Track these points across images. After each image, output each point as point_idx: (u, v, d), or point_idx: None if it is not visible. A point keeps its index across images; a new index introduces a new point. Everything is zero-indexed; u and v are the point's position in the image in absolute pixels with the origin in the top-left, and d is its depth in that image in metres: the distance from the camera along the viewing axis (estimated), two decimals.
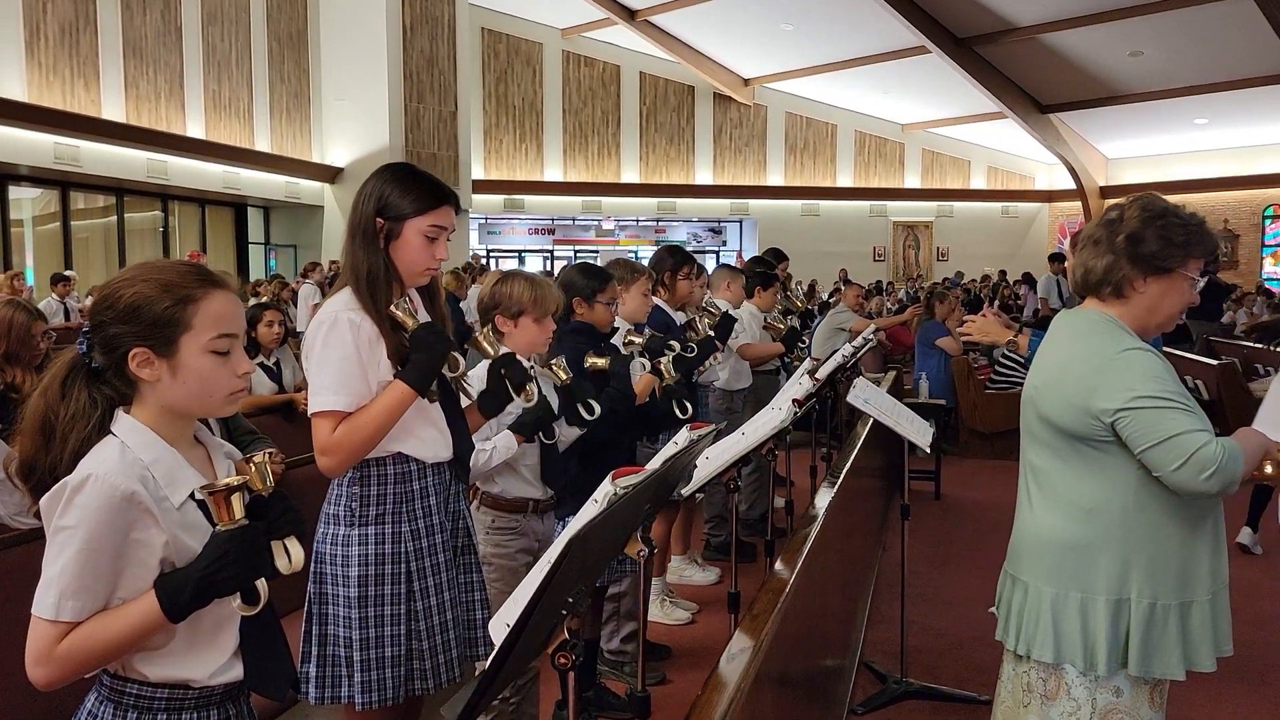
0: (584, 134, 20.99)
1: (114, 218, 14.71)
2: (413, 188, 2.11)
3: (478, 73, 19.65)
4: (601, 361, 2.97)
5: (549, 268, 19.86)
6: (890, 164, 22.48)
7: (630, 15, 18.88)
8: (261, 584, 1.43)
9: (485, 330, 2.36)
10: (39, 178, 13.15)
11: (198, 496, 1.43)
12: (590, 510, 1.46)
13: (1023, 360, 3.37)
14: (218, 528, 1.38)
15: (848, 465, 3.54)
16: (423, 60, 17.06)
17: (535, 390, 2.66)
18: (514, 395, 2.28)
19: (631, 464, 2.07)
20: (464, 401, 2.33)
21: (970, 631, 4.28)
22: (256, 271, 16.56)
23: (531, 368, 2.77)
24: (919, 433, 3.45)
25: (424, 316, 2.17)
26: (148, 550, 1.40)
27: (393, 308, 2.08)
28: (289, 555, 1.52)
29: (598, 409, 2.74)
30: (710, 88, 21.33)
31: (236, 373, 1.51)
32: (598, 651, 3.51)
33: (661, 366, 3.39)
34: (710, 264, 20.57)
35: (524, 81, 20.47)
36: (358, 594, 2.07)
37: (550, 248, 21.52)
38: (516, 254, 21.39)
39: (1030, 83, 18.38)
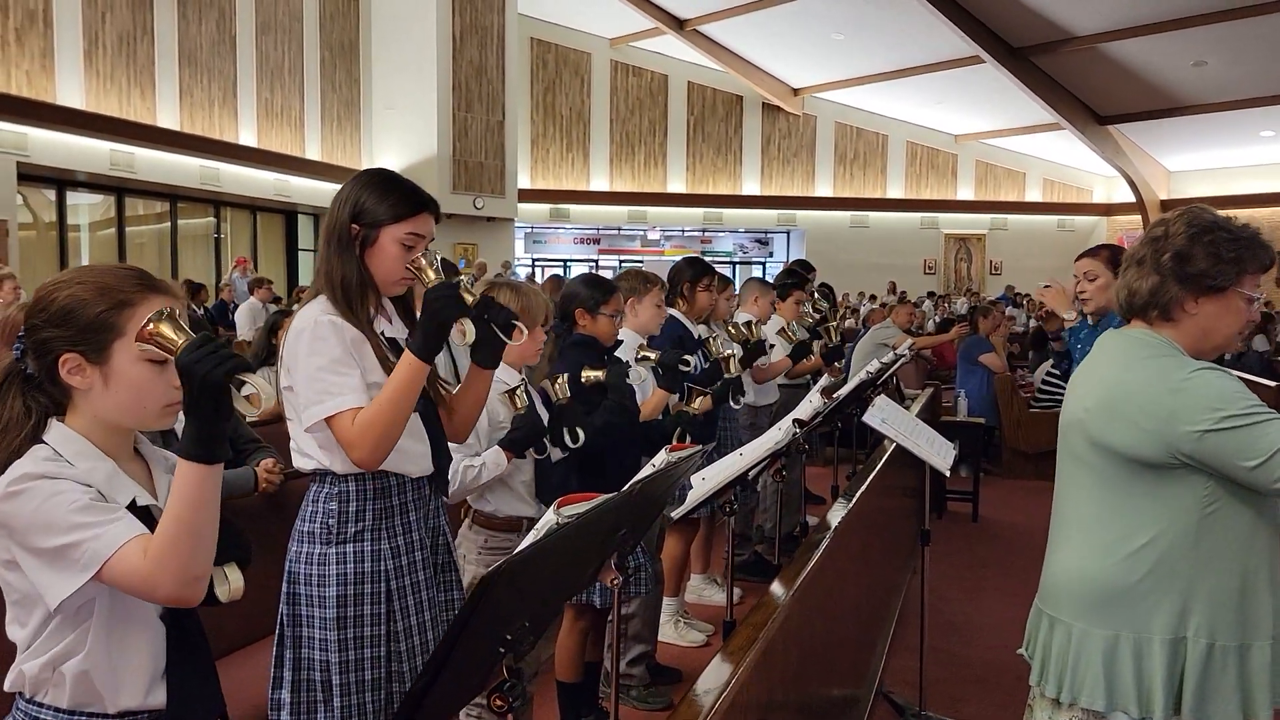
0: (631, 144, 20.96)
1: (168, 224, 15.00)
2: (390, 194, 2.01)
3: (526, 82, 19.74)
4: (598, 374, 2.87)
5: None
6: (943, 175, 22.12)
7: (679, 25, 18.83)
8: (255, 378, 1.32)
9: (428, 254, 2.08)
10: (96, 184, 13.45)
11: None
12: (529, 540, 1.36)
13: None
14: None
15: (865, 485, 3.39)
16: (471, 70, 17.18)
17: (525, 398, 2.59)
18: (506, 338, 2.07)
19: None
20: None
21: (997, 662, 4.10)
22: (306, 278, 16.77)
23: (523, 382, 2.69)
24: (939, 454, 3.29)
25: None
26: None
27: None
28: (228, 582, 1.45)
29: (581, 438, 2.64)
30: (759, 97, 21.18)
31: (173, 384, 1.40)
32: (600, 674, 3.41)
33: (695, 406, 3.31)
34: (757, 275, 20.42)
35: (572, 91, 20.51)
36: (336, 615, 1.97)
37: (595, 257, 21.50)
38: (562, 263, 21.41)
39: (1088, 93, 17.95)
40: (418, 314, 2.15)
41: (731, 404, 3.58)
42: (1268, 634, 1.82)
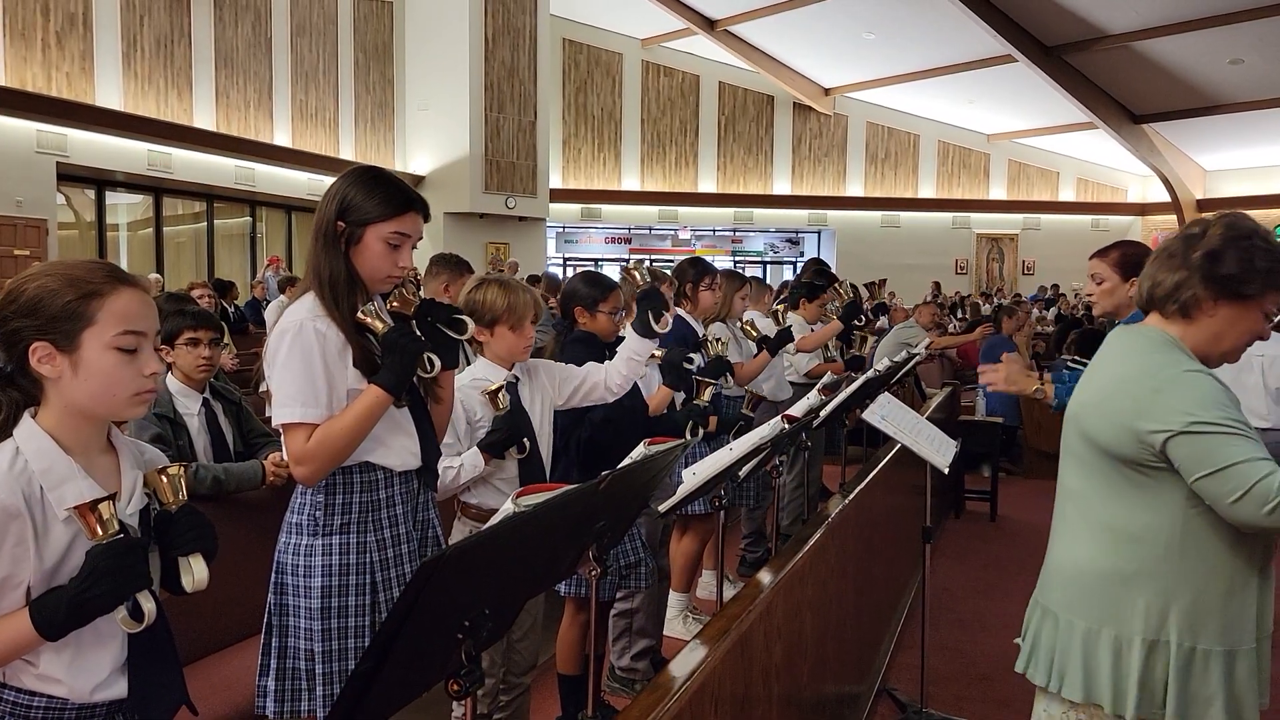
0: (662, 144, 20.98)
1: (204, 223, 15.26)
2: (376, 192, 2.04)
3: (558, 83, 19.83)
4: None
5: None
6: (975, 175, 21.93)
7: (710, 25, 18.82)
8: (147, 600, 1.40)
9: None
10: (134, 184, 13.71)
11: (61, 516, 1.39)
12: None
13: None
14: (90, 544, 1.35)
15: (865, 481, 3.41)
16: (504, 70, 17.29)
17: (507, 399, 2.62)
18: (455, 334, 2.13)
19: None
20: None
21: (1002, 661, 4.09)
22: None
23: (514, 380, 2.73)
24: (939, 452, 3.30)
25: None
26: (22, 565, 1.38)
27: (360, 314, 2.04)
28: (193, 572, 1.49)
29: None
30: (790, 97, 21.12)
31: (143, 372, 1.46)
32: (603, 668, 3.45)
33: (704, 397, 3.35)
34: (787, 275, 20.37)
35: (603, 91, 20.57)
36: (320, 605, 2.02)
37: (626, 257, 21.53)
38: (593, 262, 21.48)
39: (1123, 92, 17.71)
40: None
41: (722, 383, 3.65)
42: (1253, 638, 1.81)
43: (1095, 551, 1.89)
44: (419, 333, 2.09)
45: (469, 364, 2.85)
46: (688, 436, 3.28)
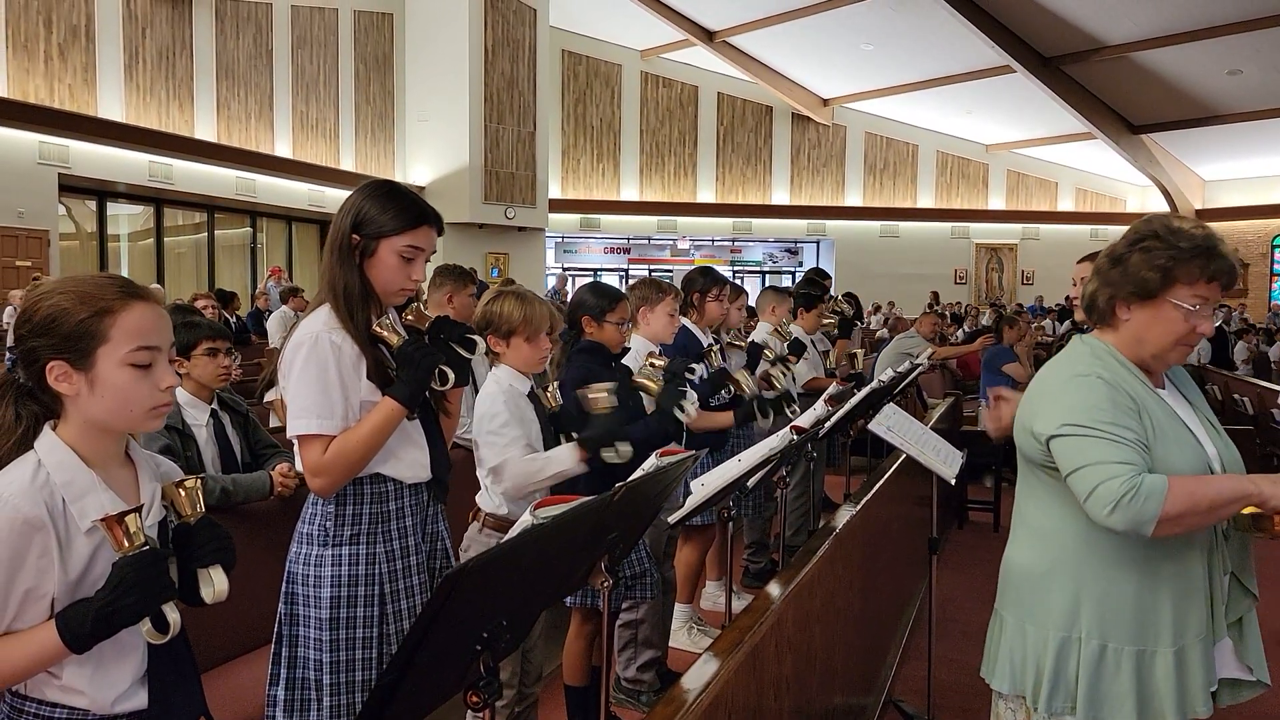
0: (661, 154, 21.06)
1: (205, 234, 15.29)
2: (391, 206, 2.05)
3: (557, 94, 19.91)
4: (604, 390, 2.91)
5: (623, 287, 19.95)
6: (973, 185, 22.02)
7: (709, 36, 18.91)
8: (171, 611, 1.40)
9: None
10: (135, 194, 13.75)
11: (84, 527, 1.40)
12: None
13: None
14: (117, 555, 1.36)
15: (871, 492, 3.41)
16: (503, 82, 17.36)
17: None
18: (467, 353, 2.13)
19: None
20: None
21: None
22: None
23: (532, 388, 2.74)
24: (946, 463, 3.31)
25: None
26: (47, 576, 1.38)
27: (375, 326, 2.05)
28: (213, 584, 1.49)
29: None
30: (788, 108, 21.22)
31: (159, 387, 1.47)
32: (611, 679, 3.45)
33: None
34: (787, 284, 20.37)
35: (602, 102, 20.66)
36: (329, 615, 2.03)
37: (625, 266, 21.60)
38: (592, 272, 21.52)
39: (1121, 103, 17.81)
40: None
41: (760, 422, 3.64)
42: (1171, 642, 1.80)
43: (1020, 550, 1.98)
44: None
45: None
46: (679, 414, 3.23)
